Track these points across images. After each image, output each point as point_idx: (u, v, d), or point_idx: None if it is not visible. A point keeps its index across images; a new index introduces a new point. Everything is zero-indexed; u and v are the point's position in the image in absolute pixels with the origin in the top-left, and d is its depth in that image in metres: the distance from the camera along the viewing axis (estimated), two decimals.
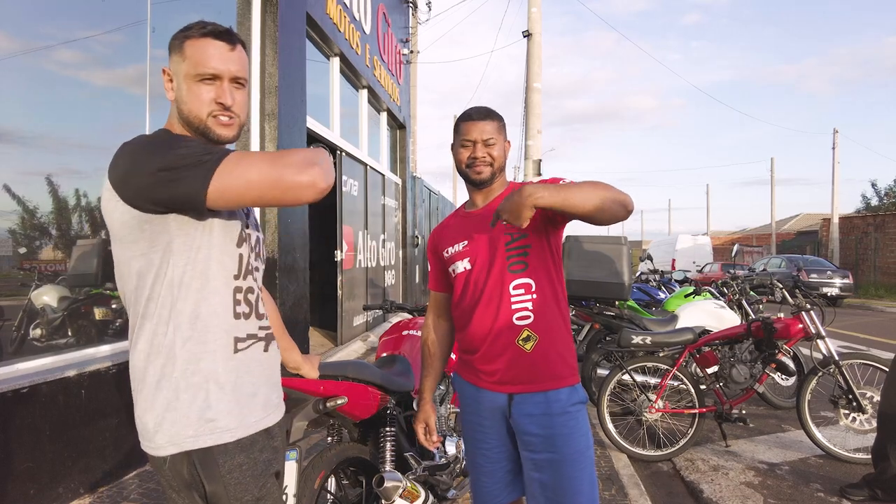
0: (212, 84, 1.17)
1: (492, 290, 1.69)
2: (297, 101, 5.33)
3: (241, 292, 1.18)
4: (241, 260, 1.19)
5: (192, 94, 1.17)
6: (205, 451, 1.11)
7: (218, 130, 1.19)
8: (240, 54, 1.21)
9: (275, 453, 1.23)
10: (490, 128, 1.73)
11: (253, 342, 1.20)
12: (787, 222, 39.60)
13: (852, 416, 3.70)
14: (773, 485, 3.42)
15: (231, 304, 1.16)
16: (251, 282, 1.22)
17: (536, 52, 10.54)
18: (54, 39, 3.06)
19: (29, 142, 2.94)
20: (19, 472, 2.49)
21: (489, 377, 1.72)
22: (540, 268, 1.70)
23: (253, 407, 1.18)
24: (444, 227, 1.89)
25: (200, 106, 1.17)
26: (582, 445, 1.66)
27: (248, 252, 1.22)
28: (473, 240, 1.75)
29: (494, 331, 1.68)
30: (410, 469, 2.19)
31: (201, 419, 1.11)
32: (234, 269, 1.18)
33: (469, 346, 1.76)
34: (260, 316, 1.22)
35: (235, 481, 1.14)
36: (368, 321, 8.33)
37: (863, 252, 21.67)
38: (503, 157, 1.77)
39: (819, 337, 3.86)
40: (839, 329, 9.86)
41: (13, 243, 2.84)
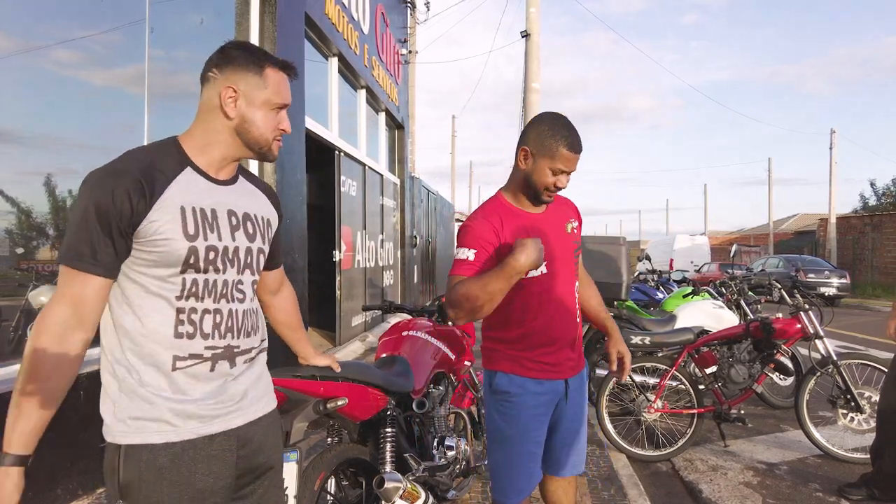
0: (281, 112, 1.31)
1: (565, 295, 1.87)
2: (296, 101, 5.31)
3: (184, 313, 1.22)
4: (184, 283, 1.22)
5: (268, 119, 1.28)
6: (131, 447, 1.19)
7: (276, 152, 1.34)
8: None
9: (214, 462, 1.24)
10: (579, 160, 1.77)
11: (196, 362, 1.23)
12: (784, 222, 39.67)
13: (850, 415, 3.71)
14: (772, 485, 3.43)
15: (173, 324, 1.21)
16: (206, 303, 1.24)
17: (535, 52, 10.54)
18: (53, 39, 3.05)
19: (27, 141, 2.94)
20: None
21: (554, 368, 1.87)
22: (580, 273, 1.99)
23: (193, 415, 1.22)
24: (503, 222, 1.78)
25: (271, 131, 1.29)
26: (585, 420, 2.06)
27: (202, 275, 1.23)
28: (550, 244, 1.77)
29: (568, 330, 1.88)
30: (410, 470, 2.19)
31: (135, 419, 1.19)
32: (177, 292, 1.21)
33: (535, 343, 1.83)
34: (206, 336, 1.24)
35: (149, 481, 1.18)
36: (367, 321, 8.33)
37: (860, 252, 21.72)
38: None
39: (817, 337, 3.86)
40: (837, 329, 9.87)
41: (10, 243, 2.84)
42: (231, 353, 1.28)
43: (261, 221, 1.37)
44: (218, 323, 1.26)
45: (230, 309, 1.28)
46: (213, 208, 1.25)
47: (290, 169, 5.16)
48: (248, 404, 1.32)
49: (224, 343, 1.27)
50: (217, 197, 1.27)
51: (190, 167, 1.25)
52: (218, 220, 1.26)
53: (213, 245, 1.24)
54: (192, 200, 1.22)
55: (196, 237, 1.21)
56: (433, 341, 2.67)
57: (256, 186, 1.42)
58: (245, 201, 1.34)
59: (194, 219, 1.21)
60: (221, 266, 1.25)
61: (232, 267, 1.28)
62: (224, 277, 1.26)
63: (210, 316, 1.25)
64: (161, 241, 1.17)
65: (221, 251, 1.25)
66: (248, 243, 1.32)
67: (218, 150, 1.28)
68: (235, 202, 1.31)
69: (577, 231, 1.96)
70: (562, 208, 1.96)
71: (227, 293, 1.27)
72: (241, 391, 1.30)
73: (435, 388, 2.67)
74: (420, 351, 2.58)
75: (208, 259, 1.23)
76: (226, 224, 1.27)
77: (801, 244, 27.79)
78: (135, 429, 1.18)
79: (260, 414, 1.36)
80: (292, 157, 5.23)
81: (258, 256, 1.35)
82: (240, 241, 1.30)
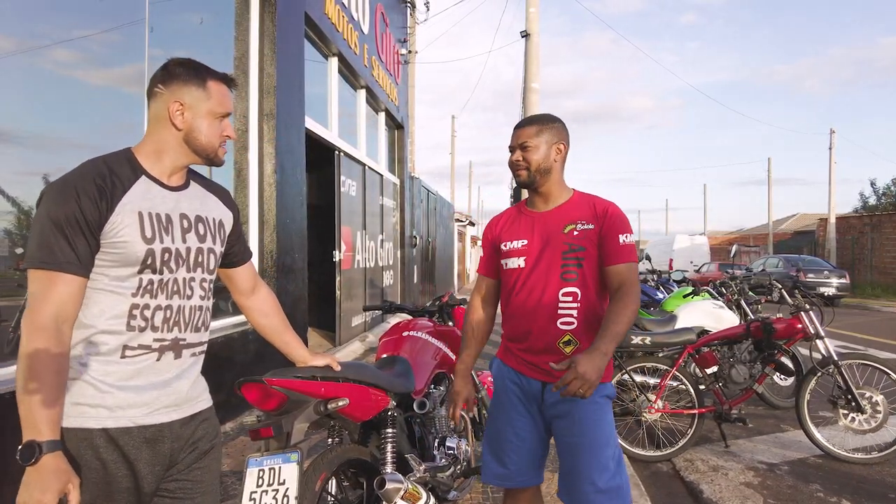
0: (225, 120, 1.42)
1: (542, 293, 1.85)
2: (296, 101, 5.32)
3: (137, 308, 1.31)
4: (140, 282, 1.31)
5: (212, 128, 1.39)
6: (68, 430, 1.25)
7: (222, 157, 1.44)
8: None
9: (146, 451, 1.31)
10: (526, 133, 1.88)
11: (144, 352, 1.32)
12: (784, 222, 39.69)
13: (851, 416, 3.71)
14: (773, 485, 3.43)
15: (126, 318, 1.30)
16: (159, 299, 1.34)
17: (534, 52, 10.54)
18: (52, 39, 3.04)
19: (26, 141, 2.93)
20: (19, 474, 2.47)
21: (528, 366, 1.90)
22: (590, 278, 1.84)
23: (134, 404, 1.30)
24: (506, 220, 2.02)
25: (216, 138, 1.40)
26: (604, 435, 1.81)
27: (157, 275, 1.33)
28: (533, 241, 1.89)
29: (539, 330, 1.86)
30: (411, 471, 2.18)
31: (76, 404, 1.26)
32: (133, 289, 1.31)
33: (514, 336, 1.94)
34: (156, 329, 1.33)
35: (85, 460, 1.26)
36: (367, 322, 8.32)
37: (859, 252, 21.73)
38: (543, 159, 1.88)
39: (818, 337, 3.86)
40: (836, 329, 9.87)
41: (10, 244, 2.83)
42: (177, 345, 1.38)
43: (212, 223, 1.47)
44: (168, 318, 1.35)
45: (180, 305, 1.38)
46: (167, 213, 1.35)
47: (290, 169, 5.16)
48: (185, 400, 1.40)
49: (171, 336, 1.36)
50: (170, 202, 1.37)
51: (144, 175, 1.35)
52: (172, 223, 1.36)
53: (167, 247, 1.34)
54: (149, 206, 1.32)
55: (153, 240, 1.31)
56: (434, 342, 2.67)
57: (207, 189, 1.52)
58: (196, 204, 1.45)
59: (151, 223, 1.31)
60: (174, 266, 1.35)
61: (182, 266, 1.38)
62: (175, 276, 1.36)
63: (161, 312, 1.34)
64: (121, 244, 1.27)
65: (175, 252, 1.35)
66: (198, 244, 1.42)
67: (169, 158, 1.38)
68: (187, 206, 1.41)
69: (582, 234, 1.85)
70: (576, 210, 1.90)
71: (178, 290, 1.37)
72: (182, 388, 1.39)
73: (435, 388, 2.66)
74: (421, 351, 2.57)
75: (163, 260, 1.33)
76: (178, 227, 1.37)
77: (801, 244, 27.79)
78: (75, 413, 1.25)
79: (198, 409, 1.44)
80: (292, 157, 5.22)
81: (209, 256, 1.45)
82: (191, 243, 1.40)
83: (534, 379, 1.89)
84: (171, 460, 1.37)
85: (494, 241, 2.01)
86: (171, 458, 1.36)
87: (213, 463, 1.48)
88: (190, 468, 1.41)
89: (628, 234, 1.86)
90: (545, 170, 1.89)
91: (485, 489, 3.11)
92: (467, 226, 27.43)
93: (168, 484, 1.38)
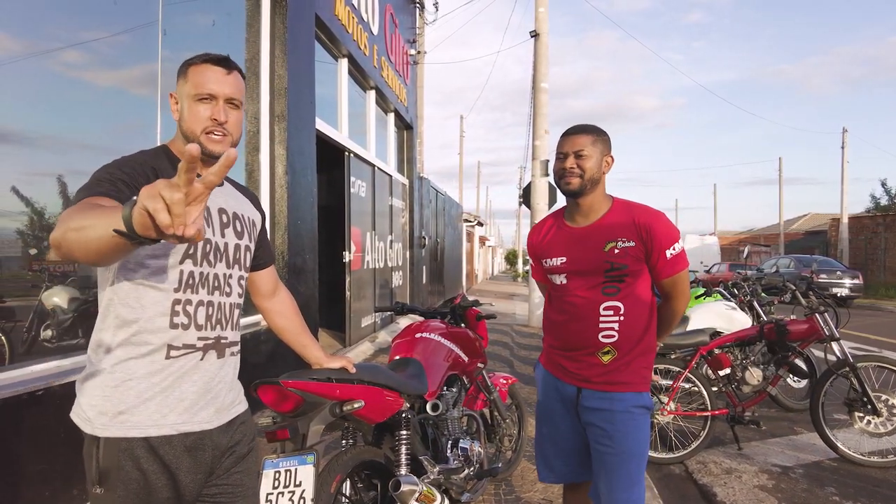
0: (208, 103, 1.31)
1: (583, 308, 1.88)
2: (307, 102, 5.34)
3: (179, 304, 1.27)
4: (181, 275, 1.27)
5: (192, 112, 1.31)
6: (109, 440, 1.22)
7: (210, 146, 1.31)
8: (235, 79, 1.35)
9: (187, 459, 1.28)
10: (584, 140, 1.86)
11: (189, 351, 1.29)
12: (794, 222, 39.36)
13: (867, 419, 3.67)
14: (788, 488, 3.39)
15: (169, 315, 1.26)
16: (201, 295, 1.30)
17: (543, 51, 10.52)
18: (66, 41, 3.06)
19: (40, 143, 2.95)
20: (34, 475, 2.50)
21: (566, 372, 1.95)
22: (633, 293, 1.86)
23: (175, 409, 1.27)
24: (545, 234, 2.04)
25: (197, 123, 1.31)
26: (637, 447, 1.83)
27: (198, 267, 1.30)
28: (573, 258, 1.91)
29: (580, 342, 1.90)
30: (425, 472, 2.18)
31: (119, 413, 1.23)
32: (175, 283, 1.27)
33: (555, 343, 2.01)
34: (200, 327, 1.30)
35: (126, 471, 1.21)
36: (376, 322, 8.33)
37: (872, 252, 21.51)
38: (596, 170, 1.87)
39: (833, 339, 3.82)
40: (849, 330, 9.77)
41: (23, 244, 2.85)
42: (220, 343, 1.35)
43: (247, 221, 1.46)
44: (210, 314, 1.33)
45: (220, 301, 1.35)
46: (206, 206, 1.25)
47: (300, 170, 5.17)
48: (225, 405, 1.37)
49: (215, 334, 1.34)
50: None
51: None
52: (211, 216, 1.33)
53: (208, 239, 1.32)
54: None
55: None
56: (446, 343, 2.66)
57: (239, 190, 1.52)
58: (232, 202, 1.43)
59: None
60: (214, 260, 1.33)
61: (221, 262, 1.35)
62: (215, 271, 1.34)
63: (203, 308, 1.32)
64: None
65: (214, 245, 1.33)
66: (236, 240, 1.40)
67: None
68: (224, 202, 1.39)
69: (623, 252, 1.83)
70: (617, 224, 1.87)
71: (218, 286, 1.35)
72: (223, 391, 1.36)
73: (448, 390, 2.66)
74: (433, 353, 2.57)
75: (205, 251, 1.30)
76: (217, 221, 1.35)
77: (812, 244, 27.55)
78: (117, 422, 1.22)
79: (236, 413, 1.41)
80: (303, 158, 5.24)
81: (245, 254, 1.43)
82: (229, 238, 1.38)
83: (570, 384, 1.94)
84: (211, 467, 1.35)
85: (537, 255, 2.06)
86: (211, 465, 1.34)
87: (252, 466, 1.47)
88: (229, 472, 1.39)
89: (675, 245, 1.85)
90: (596, 180, 1.87)
91: (497, 491, 3.11)
92: (475, 226, 27.40)
93: (209, 489, 1.36)
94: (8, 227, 2.78)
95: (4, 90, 2.74)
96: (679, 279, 1.90)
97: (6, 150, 2.77)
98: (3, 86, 2.73)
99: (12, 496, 2.41)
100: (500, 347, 7.96)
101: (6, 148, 2.78)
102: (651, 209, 1.90)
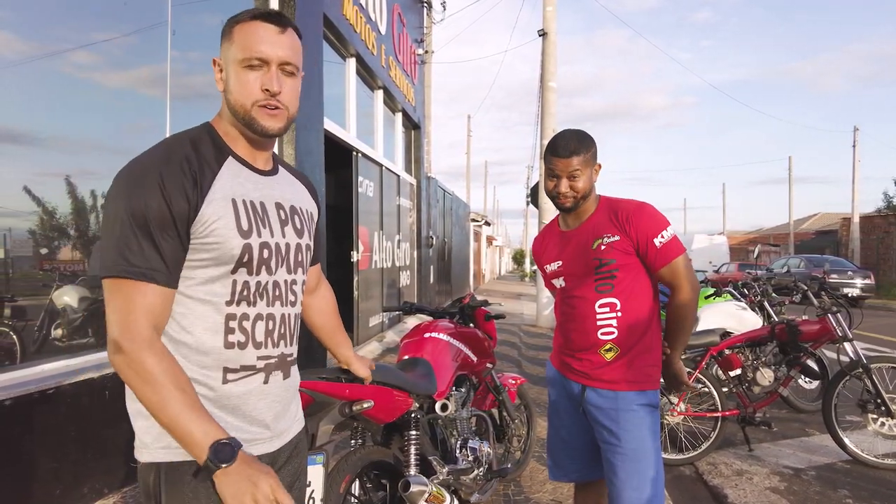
0: (259, 70, 1.10)
1: (580, 307, 1.90)
2: (315, 102, 5.34)
3: (234, 320, 1.09)
4: (234, 286, 1.09)
5: (240, 81, 1.10)
6: (171, 465, 1.06)
7: (262, 121, 1.10)
8: (291, 38, 1.13)
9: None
10: (576, 162, 1.84)
11: (249, 374, 1.11)
12: (804, 221, 39.04)
13: (881, 420, 3.63)
14: (800, 490, 3.36)
15: (223, 333, 1.08)
16: (259, 307, 1.12)
17: (551, 50, 10.48)
18: (76, 42, 3.08)
19: (50, 143, 2.97)
20: (45, 473, 2.51)
21: (572, 370, 1.96)
22: (628, 288, 1.85)
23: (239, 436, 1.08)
24: (544, 243, 2.09)
25: (247, 94, 1.09)
26: (641, 445, 1.81)
27: (254, 276, 1.11)
28: (566, 261, 1.95)
29: (583, 341, 1.91)
30: (434, 473, 2.18)
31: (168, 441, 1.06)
32: (227, 296, 1.08)
33: (562, 343, 2.03)
34: (259, 345, 1.12)
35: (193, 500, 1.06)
36: (384, 322, 8.34)
37: (884, 252, 21.29)
38: (589, 185, 1.88)
39: (846, 340, 3.78)
40: (861, 330, 9.64)
41: (34, 244, 2.87)
42: (285, 362, 1.18)
43: (306, 215, 1.26)
44: (271, 329, 1.14)
45: (283, 313, 1.17)
46: (261, 201, 1.14)
47: (308, 170, 5.18)
48: (287, 426, 1.23)
49: (278, 352, 1.16)
50: (263, 189, 1.16)
51: (231, 156, 1.13)
52: (268, 213, 1.14)
53: (266, 242, 1.12)
54: (242, 192, 1.11)
55: (250, 233, 1.09)
56: (455, 343, 2.65)
57: (295, 177, 1.31)
58: (290, 193, 1.23)
59: (247, 213, 1.10)
60: (274, 266, 1.14)
61: (282, 266, 1.16)
62: (275, 278, 1.14)
63: (262, 322, 1.13)
64: (213, 240, 1.05)
65: (274, 248, 1.13)
66: (297, 239, 1.20)
67: (234, 131, 1.15)
68: (281, 194, 1.19)
69: (609, 247, 1.85)
70: (601, 222, 1.90)
71: (280, 295, 1.15)
72: (289, 413, 1.22)
73: (457, 390, 2.65)
74: (442, 353, 2.56)
75: (262, 258, 1.11)
76: (275, 218, 1.16)
77: (823, 244, 27.31)
78: (176, 446, 1.04)
79: (296, 432, 1.28)
80: (311, 157, 5.24)
81: (306, 254, 1.24)
82: (290, 238, 1.18)
83: (576, 382, 1.95)
84: None
85: (540, 262, 2.12)
86: None
87: (304, 483, 1.36)
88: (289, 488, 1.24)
89: (663, 233, 1.82)
90: (588, 193, 1.89)
91: (506, 491, 3.09)
92: (483, 226, 27.38)
93: None
94: (19, 227, 2.80)
95: (15, 91, 2.76)
96: (676, 267, 1.83)
97: (17, 150, 2.79)
98: (15, 87, 2.75)
99: (24, 493, 2.42)
100: (509, 347, 7.94)
101: (17, 148, 2.80)
102: (633, 201, 1.89)
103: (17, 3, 2.78)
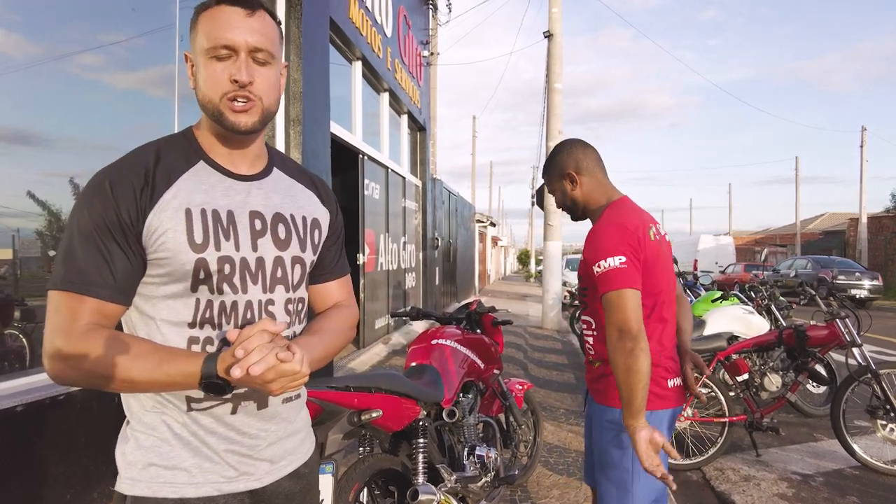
0: (228, 60, 0.98)
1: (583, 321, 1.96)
2: (321, 105, 5.36)
3: (197, 344, 0.99)
4: (197, 306, 0.98)
5: (207, 73, 0.99)
6: (136, 499, 0.99)
7: (231, 117, 0.99)
8: (261, 22, 1.00)
9: None
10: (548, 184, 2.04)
11: (215, 404, 1.00)
12: (811, 222, 38.83)
13: (890, 426, 3.60)
14: (808, 497, 3.34)
15: None
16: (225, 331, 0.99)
17: (557, 52, 10.47)
18: (84, 44, 3.10)
19: (57, 144, 2.99)
20: (55, 478, 2.53)
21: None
22: (597, 308, 1.76)
23: (213, 469, 1.01)
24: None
25: (215, 87, 0.98)
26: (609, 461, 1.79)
27: (217, 295, 0.99)
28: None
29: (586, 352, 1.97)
30: (442, 480, 2.18)
31: (149, 465, 1.00)
32: (188, 317, 0.99)
33: None
34: None
35: None
36: (390, 324, 8.35)
37: (892, 252, 21.16)
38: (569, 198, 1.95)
39: (854, 345, 3.76)
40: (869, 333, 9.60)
41: (41, 245, 2.89)
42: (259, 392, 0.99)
43: (299, 223, 1.11)
44: None
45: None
46: (229, 210, 1.02)
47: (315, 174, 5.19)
48: (282, 456, 1.10)
49: None
50: (237, 196, 1.04)
51: (203, 161, 1.04)
52: (235, 224, 1.02)
53: (227, 256, 1.00)
54: (203, 201, 1.00)
55: (205, 247, 0.98)
56: (462, 350, 2.66)
57: (297, 178, 1.17)
58: (277, 199, 1.09)
59: (203, 224, 0.98)
60: (239, 283, 1.01)
61: (255, 284, 1.03)
62: (247, 298, 1.02)
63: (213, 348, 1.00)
64: (163, 254, 0.96)
65: (239, 264, 1.01)
66: (277, 252, 1.06)
67: (211, 134, 1.05)
68: (262, 201, 1.07)
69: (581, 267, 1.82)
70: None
71: (252, 317, 1.02)
72: (273, 445, 1.07)
73: (464, 397, 2.65)
74: (449, 360, 2.56)
75: (223, 274, 0.99)
76: (246, 230, 1.03)
77: (830, 245, 27.17)
78: (147, 478, 0.98)
79: (297, 465, 1.13)
80: (318, 161, 5.26)
81: (294, 268, 1.08)
82: (264, 251, 1.04)
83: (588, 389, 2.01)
84: None
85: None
86: None
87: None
88: None
89: (601, 263, 1.61)
90: (580, 204, 1.90)
91: (513, 497, 3.09)
92: (488, 226, 27.37)
93: None
94: (27, 228, 2.82)
95: (24, 92, 2.78)
96: (606, 303, 1.60)
97: (25, 151, 2.81)
98: (23, 88, 2.77)
99: (35, 498, 2.44)
100: (514, 349, 7.93)
101: (25, 149, 2.82)
102: (600, 221, 1.75)
103: (27, 6, 2.80)
